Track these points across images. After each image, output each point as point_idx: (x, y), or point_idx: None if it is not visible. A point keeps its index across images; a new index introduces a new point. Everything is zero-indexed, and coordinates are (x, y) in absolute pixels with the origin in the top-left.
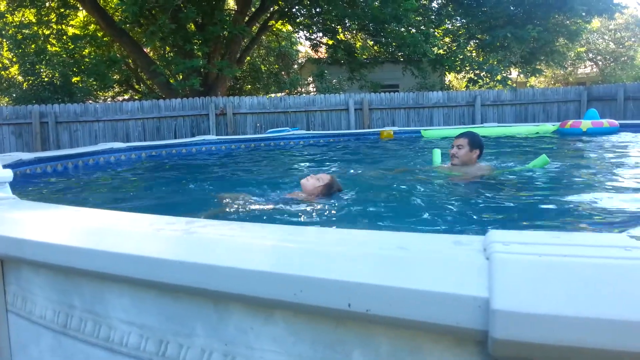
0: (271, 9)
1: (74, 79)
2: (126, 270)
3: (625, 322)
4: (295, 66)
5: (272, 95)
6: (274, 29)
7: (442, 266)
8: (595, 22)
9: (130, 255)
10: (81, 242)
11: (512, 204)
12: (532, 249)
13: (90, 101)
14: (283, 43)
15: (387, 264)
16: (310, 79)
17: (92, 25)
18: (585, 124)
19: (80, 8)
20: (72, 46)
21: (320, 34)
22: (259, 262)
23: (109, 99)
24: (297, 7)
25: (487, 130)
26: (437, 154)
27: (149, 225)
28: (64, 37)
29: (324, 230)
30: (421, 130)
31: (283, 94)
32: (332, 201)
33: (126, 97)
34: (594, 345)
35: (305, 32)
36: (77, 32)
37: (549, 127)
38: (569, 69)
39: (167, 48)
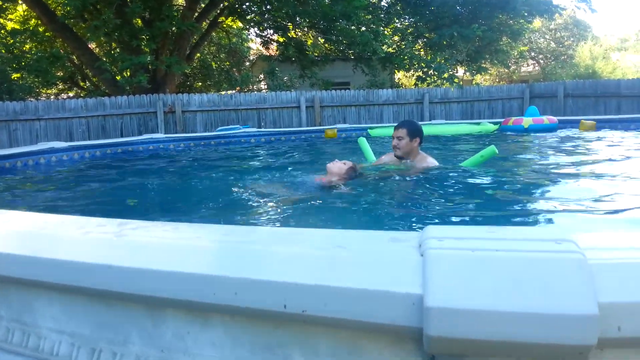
0: (221, 5)
1: (14, 76)
2: (53, 276)
3: (556, 315)
4: (247, 63)
5: (223, 92)
6: (224, 26)
7: (377, 264)
8: (537, 22)
9: (56, 260)
10: (5, 247)
11: (455, 199)
12: (466, 244)
13: (32, 99)
14: (234, 40)
15: (323, 263)
16: (262, 76)
17: (33, 20)
18: (527, 121)
19: (20, 2)
20: (12, 41)
21: (271, 31)
22: (192, 264)
23: (52, 97)
24: (247, 4)
25: (428, 129)
26: (364, 143)
27: (78, 228)
28: (2, 32)
29: (260, 230)
30: (368, 128)
31: (234, 91)
32: (353, 184)
33: (71, 94)
34: (526, 339)
35: (255, 29)
36: (17, 26)
37: (490, 126)
38: (513, 67)
39: (113, 44)
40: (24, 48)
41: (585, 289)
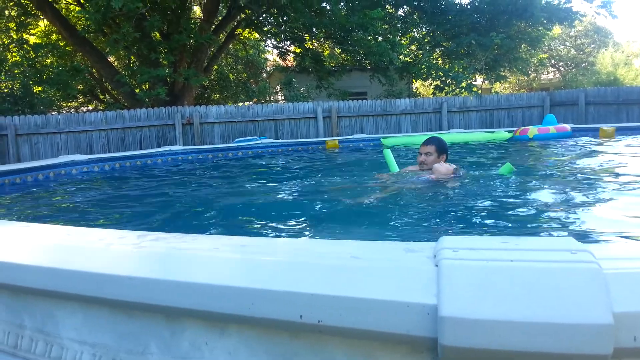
0: (238, 17)
1: (36, 89)
2: (75, 287)
3: (571, 325)
4: (264, 75)
5: (240, 104)
6: (241, 38)
7: (392, 274)
8: (557, 29)
9: (78, 271)
10: (29, 259)
11: (476, 209)
12: (480, 254)
13: (53, 112)
14: (251, 52)
15: (338, 273)
16: (279, 87)
17: (54, 34)
18: (532, 131)
19: (42, 17)
20: (34, 55)
21: (288, 42)
22: (210, 275)
23: (72, 110)
24: (264, 16)
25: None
26: (389, 154)
27: (99, 240)
28: (25, 46)
29: (275, 241)
30: (381, 138)
31: (251, 102)
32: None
33: (90, 107)
34: (541, 349)
35: (272, 40)
36: (39, 41)
37: (504, 134)
38: (532, 75)
39: (132, 57)
40: (46, 62)
41: (600, 298)
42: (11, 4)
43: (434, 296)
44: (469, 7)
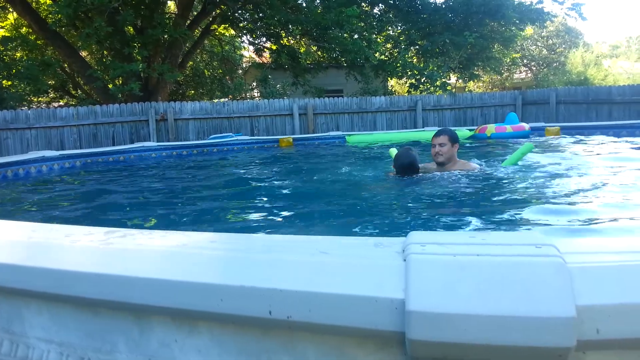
0: (213, 12)
1: (5, 84)
2: (42, 285)
3: (535, 318)
4: (240, 71)
5: (216, 100)
6: (217, 34)
7: (360, 269)
8: (529, 30)
9: (44, 268)
10: None
11: (447, 204)
12: (448, 249)
13: (23, 107)
14: (226, 48)
15: (307, 269)
16: (254, 84)
17: (24, 27)
18: (490, 129)
19: (11, 10)
20: (2, 49)
21: (264, 39)
22: (178, 272)
23: (43, 105)
24: (239, 12)
25: (407, 135)
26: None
27: (65, 236)
28: None
29: (244, 237)
30: (346, 135)
31: (227, 99)
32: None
33: (62, 103)
34: (506, 342)
35: (248, 36)
36: (8, 34)
37: (465, 132)
38: (505, 74)
39: (105, 52)
40: (15, 56)
41: (563, 292)
42: None
43: (402, 291)
44: (443, 6)
